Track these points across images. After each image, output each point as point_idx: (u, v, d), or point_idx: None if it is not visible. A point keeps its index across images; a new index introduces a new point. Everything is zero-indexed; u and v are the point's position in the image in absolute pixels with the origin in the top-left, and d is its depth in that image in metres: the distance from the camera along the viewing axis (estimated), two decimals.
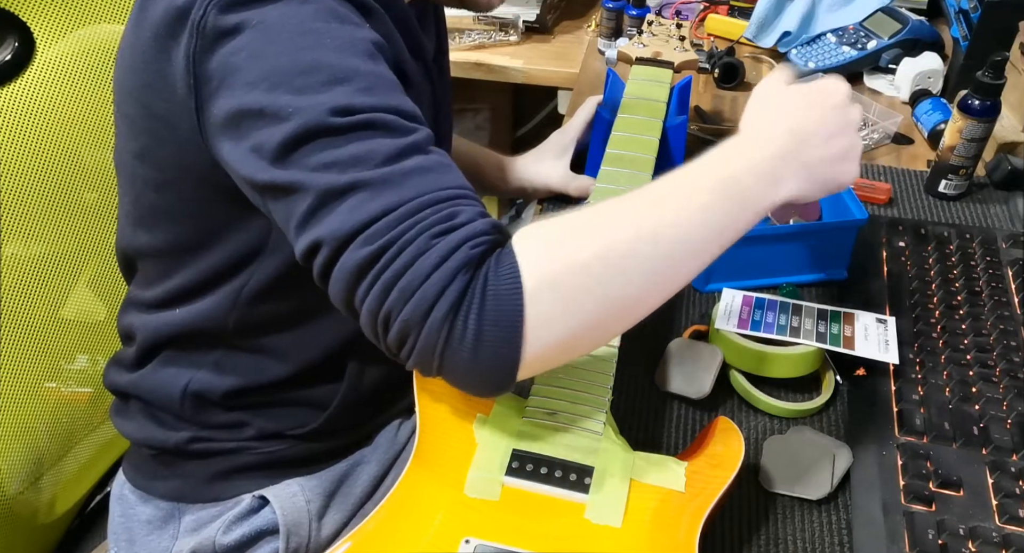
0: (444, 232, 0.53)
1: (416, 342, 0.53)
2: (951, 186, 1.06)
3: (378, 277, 0.53)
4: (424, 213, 0.54)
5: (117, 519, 0.81)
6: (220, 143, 0.59)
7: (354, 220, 0.53)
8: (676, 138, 0.97)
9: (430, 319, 0.52)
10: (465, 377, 0.55)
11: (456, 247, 0.53)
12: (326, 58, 0.57)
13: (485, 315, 0.52)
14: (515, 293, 0.53)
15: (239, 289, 0.71)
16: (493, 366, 0.54)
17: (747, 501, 0.72)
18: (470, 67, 1.47)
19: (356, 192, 0.54)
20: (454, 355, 0.53)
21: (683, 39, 1.04)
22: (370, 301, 0.53)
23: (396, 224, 0.53)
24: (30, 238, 0.81)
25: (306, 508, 0.78)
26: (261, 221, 0.67)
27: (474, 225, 0.54)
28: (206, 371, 0.75)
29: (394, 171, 0.55)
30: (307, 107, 0.55)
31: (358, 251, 0.53)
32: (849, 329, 0.80)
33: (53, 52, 0.78)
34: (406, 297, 0.52)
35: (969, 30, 1.20)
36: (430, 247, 0.53)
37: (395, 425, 0.86)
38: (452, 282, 0.52)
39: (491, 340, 0.53)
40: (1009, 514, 0.66)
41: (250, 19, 0.57)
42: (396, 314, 0.53)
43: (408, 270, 0.52)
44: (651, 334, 0.85)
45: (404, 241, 0.53)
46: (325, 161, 0.55)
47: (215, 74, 0.58)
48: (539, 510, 0.61)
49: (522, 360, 0.54)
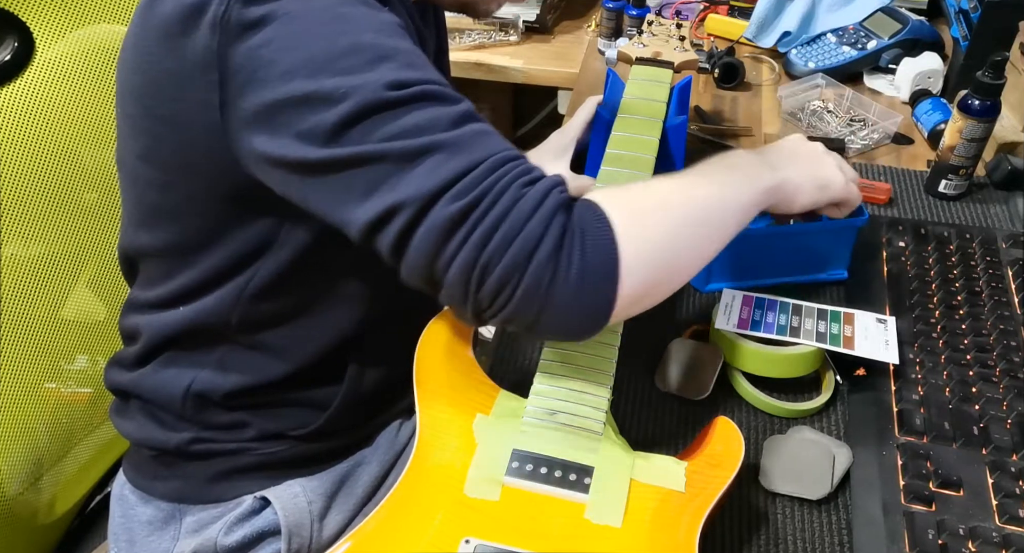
0: (531, 182, 0.56)
1: (519, 285, 0.54)
2: (951, 186, 1.06)
3: (475, 227, 0.54)
4: (507, 167, 0.56)
5: (117, 520, 0.81)
6: (250, 136, 0.59)
7: (439, 178, 0.54)
8: (676, 138, 0.96)
9: (535, 258, 0.54)
10: (566, 315, 0.57)
11: (547, 192, 0.56)
12: (364, 38, 0.58)
13: (587, 249, 0.55)
14: (609, 231, 0.57)
15: (243, 286, 0.71)
16: (595, 302, 0.56)
17: (747, 501, 0.72)
18: (470, 67, 1.47)
19: (431, 155, 0.55)
20: (560, 291, 0.55)
21: (683, 39, 1.04)
22: (466, 253, 0.54)
23: (484, 177, 0.55)
24: (30, 238, 0.81)
25: (308, 509, 0.78)
26: (266, 219, 0.67)
27: (553, 176, 0.58)
28: (209, 371, 0.75)
29: (462, 133, 0.56)
30: (360, 85, 0.55)
31: (450, 206, 0.54)
32: (849, 329, 0.80)
33: (53, 52, 0.78)
34: (508, 241, 0.54)
35: (969, 30, 1.20)
36: (523, 195, 0.55)
37: (395, 425, 0.86)
38: (552, 222, 0.55)
39: (593, 275, 0.56)
40: (1009, 514, 0.66)
41: (275, 11, 0.57)
42: (498, 260, 0.54)
43: (508, 216, 0.54)
44: (651, 334, 0.85)
45: (497, 191, 0.55)
46: (389, 133, 0.55)
47: (243, 68, 0.57)
48: (539, 510, 0.61)
49: (619, 293, 0.56)
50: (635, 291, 0.58)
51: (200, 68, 0.58)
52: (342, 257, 0.67)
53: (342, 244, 0.60)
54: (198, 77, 0.59)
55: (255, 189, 0.62)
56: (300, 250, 0.69)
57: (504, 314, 0.56)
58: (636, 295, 0.58)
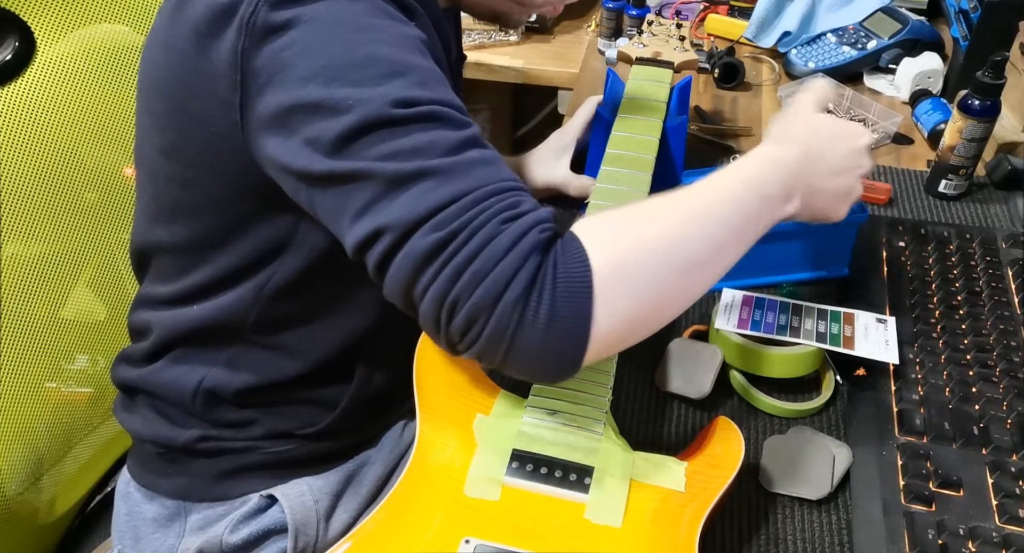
0: (512, 218, 0.55)
1: (486, 325, 0.53)
2: (951, 186, 1.06)
3: (448, 261, 0.53)
4: (491, 200, 0.55)
5: (122, 516, 0.81)
6: (265, 139, 0.59)
7: (422, 207, 0.54)
8: (676, 138, 0.96)
9: (503, 300, 0.53)
10: (534, 360, 0.55)
11: (525, 231, 0.54)
12: (382, 52, 0.58)
13: (557, 295, 0.54)
14: (584, 273, 0.54)
15: (261, 285, 0.71)
16: (563, 346, 0.55)
17: (747, 501, 0.72)
18: (470, 67, 1.47)
19: (422, 180, 0.54)
20: (526, 336, 0.53)
21: (683, 39, 1.04)
22: (437, 286, 0.53)
23: (465, 211, 0.54)
24: (30, 238, 0.81)
25: (314, 507, 0.78)
26: (286, 217, 0.67)
27: (538, 212, 0.56)
28: (220, 368, 0.75)
29: (458, 161, 0.56)
30: (368, 99, 0.55)
31: (427, 237, 0.53)
32: (849, 329, 0.80)
33: (54, 52, 0.78)
34: (478, 280, 0.53)
35: (969, 30, 1.20)
36: (500, 231, 0.54)
37: (400, 426, 0.87)
38: (525, 264, 0.53)
39: (563, 319, 0.54)
40: (1009, 514, 0.66)
41: (302, 15, 0.57)
42: (467, 297, 0.53)
43: (480, 253, 0.53)
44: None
45: (475, 226, 0.54)
46: (388, 151, 0.55)
47: (264, 70, 0.58)
48: (539, 510, 0.61)
49: (591, 340, 0.55)
50: (610, 338, 0.56)
51: (225, 68, 0.59)
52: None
53: None
54: (223, 77, 0.59)
55: (273, 189, 0.63)
56: (317, 251, 0.69)
57: (473, 351, 0.55)
58: (610, 342, 0.57)
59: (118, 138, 0.87)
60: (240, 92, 0.59)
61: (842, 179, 0.71)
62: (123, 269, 0.92)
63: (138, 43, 0.85)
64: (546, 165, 1.05)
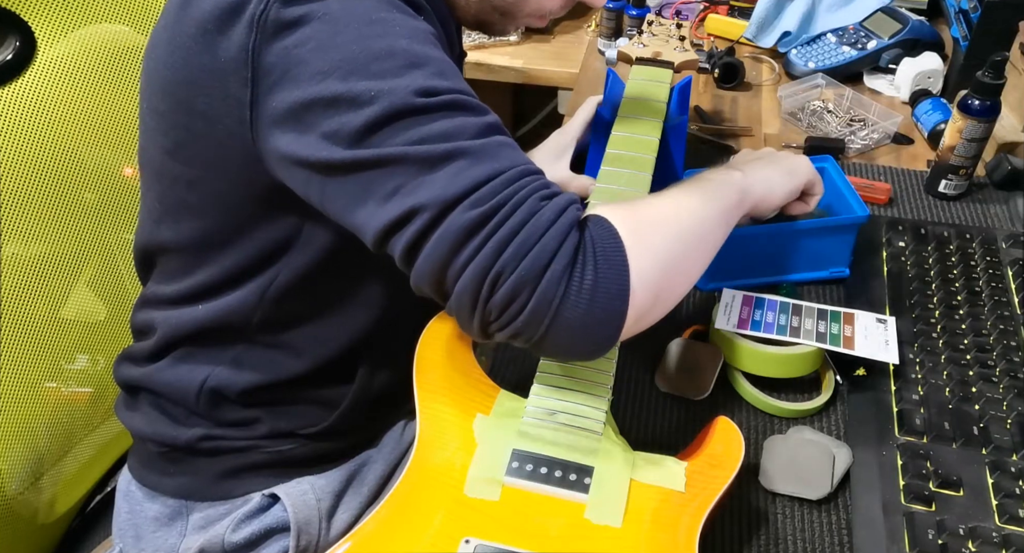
0: (549, 196, 0.57)
1: (531, 298, 0.54)
2: (951, 186, 1.06)
3: (490, 236, 0.54)
4: (527, 179, 0.57)
5: (124, 515, 0.81)
6: (276, 135, 0.59)
7: (459, 184, 0.54)
8: (676, 138, 0.96)
9: (549, 272, 0.54)
10: (575, 333, 0.56)
11: (564, 207, 0.56)
12: (398, 44, 0.58)
13: (599, 267, 0.55)
14: (620, 247, 0.57)
15: (266, 285, 0.71)
16: (605, 318, 0.56)
17: (747, 501, 0.72)
18: (470, 67, 1.47)
19: (455, 160, 0.55)
20: (570, 308, 0.55)
21: (683, 39, 1.04)
22: (480, 260, 0.54)
23: (504, 187, 0.55)
24: (30, 238, 0.81)
25: (317, 506, 0.78)
26: (291, 217, 0.68)
27: (569, 193, 0.59)
28: (224, 367, 0.75)
29: (487, 143, 0.57)
30: (390, 90, 0.56)
31: (467, 212, 0.54)
32: (849, 329, 0.80)
33: (54, 52, 0.78)
34: (523, 253, 0.54)
35: (969, 30, 1.20)
36: (540, 207, 0.56)
37: (400, 426, 0.87)
38: (567, 238, 0.55)
39: (604, 291, 0.55)
40: (1009, 514, 0.66)
41: (314, 11, 0.58)
42: (510, 271, 0.54)
43: (524, 227, 0.54)
44: (651, 334, 0.85)
45: (516, 201, 0.55)
46: (415, 137, 0.56)
47: (276, 67, 0.58)
48: (539, 510, 0.61)
49: (628, 313, 0.57)
50: (643, 306, 0.58)
51: (234, 65, 0.59)
52: (362, 258, 0.68)
53: (361, 246, 0.60)
54: (231, 74, 0.59)
55: (279, 189, 0.63)
56: (322, 251, 0.70)
57: (512, 328, 0.56)
58: (643, 310, 0.59)
59: (118, 138, 0.87)
60: (251, 88, 0.59)
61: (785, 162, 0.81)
62: (123, 269, 0.92)
63: (139, 43, 0.85)
64: (546, 165, 1.05)
